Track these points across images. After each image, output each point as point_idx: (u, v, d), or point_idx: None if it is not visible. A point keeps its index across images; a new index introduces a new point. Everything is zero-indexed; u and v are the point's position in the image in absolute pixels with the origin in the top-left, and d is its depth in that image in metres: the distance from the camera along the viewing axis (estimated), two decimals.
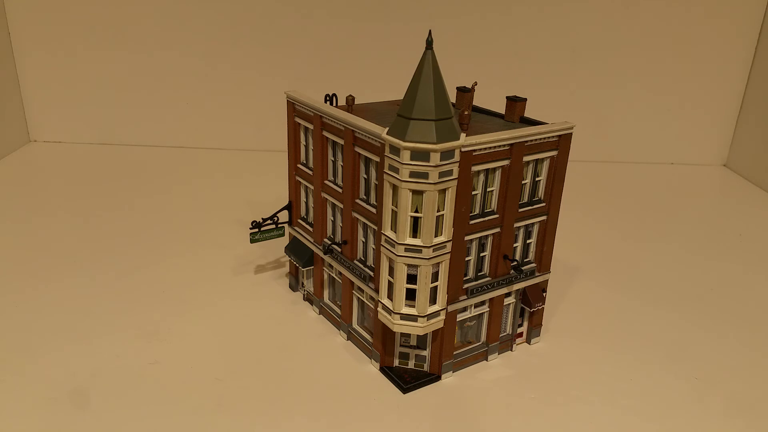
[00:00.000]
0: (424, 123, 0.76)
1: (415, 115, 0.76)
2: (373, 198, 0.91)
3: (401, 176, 0.78)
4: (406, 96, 0.78)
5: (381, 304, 0.88)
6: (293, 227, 1.12)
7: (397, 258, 0.83)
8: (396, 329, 0.87)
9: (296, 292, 1.16)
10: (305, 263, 1.08)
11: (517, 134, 0.86)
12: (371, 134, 0.84)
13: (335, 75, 1.90)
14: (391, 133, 0.78)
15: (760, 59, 1.88)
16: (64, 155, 1.87)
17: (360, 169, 0.91)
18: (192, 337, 1.02)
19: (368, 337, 0.99)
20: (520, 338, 1.04)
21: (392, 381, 0.93)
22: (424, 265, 0.82)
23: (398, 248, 0.82)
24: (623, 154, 2.01)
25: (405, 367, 0.96)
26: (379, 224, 0.87)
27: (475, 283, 0.93)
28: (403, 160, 0.77)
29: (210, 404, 0.87)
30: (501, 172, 0.88)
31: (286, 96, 1.05)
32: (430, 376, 0.94)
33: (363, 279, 0.95)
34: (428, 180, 0.77)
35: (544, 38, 1.89)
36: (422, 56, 0.77)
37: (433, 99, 0.76)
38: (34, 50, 1.90)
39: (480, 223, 0.89)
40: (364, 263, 0.96)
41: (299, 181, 1.08)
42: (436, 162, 0.77)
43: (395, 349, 0.95)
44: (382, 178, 0.85)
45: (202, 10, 1.86)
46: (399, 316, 0.86)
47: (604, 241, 1.40)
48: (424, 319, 0.85)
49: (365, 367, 0.97)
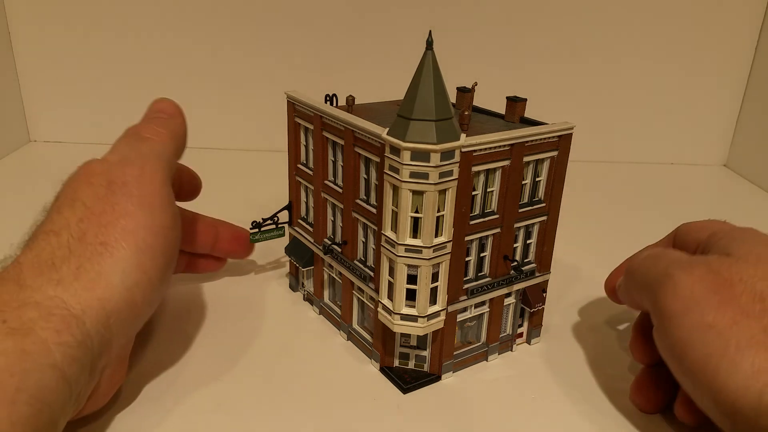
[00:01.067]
0: (424, 123, 0.76)
1: (415, 116, 0.76)
2: (373, 198, 0.91)
3: (401, 177, 0.78)
4: (406, 96, 0.78)
5: (381, 305, 0.88)
6: (293, 227, 1.12)
7: (398, 258, 0.82)
8: (396, 329, 0.87)
9: (296, 292, 1.16)
10: (305, 263, 1.08)
11: (518, 134, 0.86)
12: (372, 134, 0.84)
13: (336, 75, 1.90)
14: (391, 134, 0.78)
15: (760, 59, 1.88)
16: (64, 155, 1.85)
17: (360, 169, 0.91)
18: (191, 337, 1.02)
19: (368, 337, 0.99)
20: (520, 338, 1.04)
21: (392, 381, 0.93)
22: (424, 266, 0.82)
23: (398, 248, 0.82)
24: (623, 154, 2.01)
25: (405, 367, 0.96)
26: (379, 225, 0.87)
27: (476, 283, 0.93)
28: (403, 160, 0.77)
29: (210, 404, 0.87)
30: (501, 173, 0.88)
31: (286, 96, 1.05)
32: (430, 376, 0.94)
33: (363, 279, 0.95)
34: (428, 180, 0.77)
35: (544, 38, 1.89)
36: (422, 57, 0.77)
37: (433, 99, 0.76)
38: (34, 50, 1.89)
39: (480, 224, 0.89)
40: (364, 263, 0.96)
41: (299, 182, 1.08)
42: (437, 162, 0.77)
43: (395, 349, 0.95)
44: (382, 179, 0.85)
45: (202, 10, 1.86)
46: (399, 317, 0.86)
47: (604, 241, 1.40)
48: (424, 320, 0.85)
49: (365, 367, 0.97)
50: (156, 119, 0.94)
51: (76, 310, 0.68)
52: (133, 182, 0.79)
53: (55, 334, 0.65)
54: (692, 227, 0.94)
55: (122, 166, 0.82)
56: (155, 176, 0.82)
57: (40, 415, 0.60)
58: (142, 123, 0.94)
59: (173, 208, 0.84)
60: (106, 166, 0.81)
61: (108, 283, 0.72)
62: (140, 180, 0.80)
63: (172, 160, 0.90)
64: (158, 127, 0.91)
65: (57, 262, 0.71)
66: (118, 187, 0.79)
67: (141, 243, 0.76)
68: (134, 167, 0.81)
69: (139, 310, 0.77)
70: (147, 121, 0.94)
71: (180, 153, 0.95)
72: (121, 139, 0.89)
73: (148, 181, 0.81)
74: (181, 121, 0.97)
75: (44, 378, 0.61)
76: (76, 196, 0.78)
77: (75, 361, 0.66)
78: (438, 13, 1.85)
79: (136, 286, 0.75)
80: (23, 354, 0.61)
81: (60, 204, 0.78)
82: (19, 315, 0.65)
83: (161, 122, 0.93)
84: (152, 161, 0.84)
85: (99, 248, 0.73)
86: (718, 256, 0.77)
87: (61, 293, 0.69)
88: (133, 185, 0.79)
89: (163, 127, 0.92)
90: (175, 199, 1.11)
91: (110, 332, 0.72)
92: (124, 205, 0.77)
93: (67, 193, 0.80)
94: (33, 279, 0.70)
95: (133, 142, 0.87)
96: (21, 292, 0.68)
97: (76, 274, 0.71)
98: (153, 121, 0.94)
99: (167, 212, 0.82)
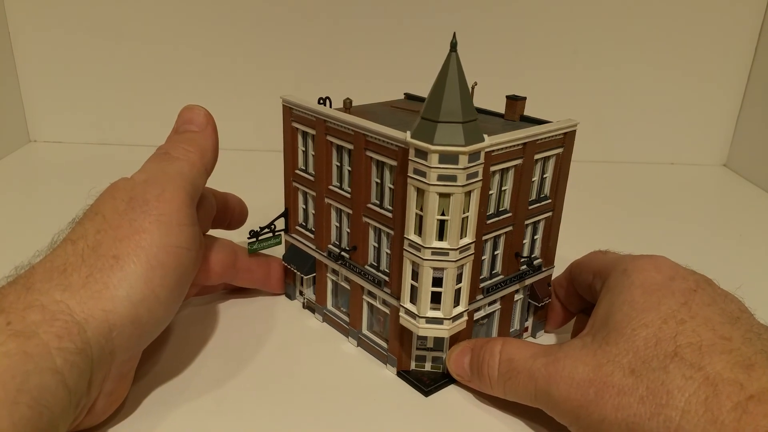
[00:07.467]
0: (451, 126, 0.76)
1: (442, 118, 0.76)
2: (387, 202, 0.90)
3: (429, 180, 0.77)
4: (430, 99, 0.78)
5: (404, 309, 0.87)
6: (290, 234, 1.09)
7: (424, 262, 0.82)
8: (421, 333, 0.86)
9: (293, 300, 1.13)
10: (307, 271, 1.05)
11: (531, 133, 0.88)
12: (390, 138, 0.83)
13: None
14: (416, 137, 0.78)
15: (760, 59, 1.88)
16: (64, 155, 1.86)
17: (372, 173, 0.90)
18: (192, 340, 1.00)
19: (381, 342, 0.98)
20: (526, 332, 1.06)
21: (412, 385, 0.93)
22: (450, 268, 0.82)
23: (424, 252, 0.82)
24: (623, 154, 2.01)
25: (422, 369, 0.96)
26: (398, 228, 0.87)
27: (490, 281, 0.94)
28: (431, 163, 0.77)
29: (213, 406, 0.84)
30: (514, 171, 0.89)
31: (282, 101, 1.02)
32: (448, 376, 0.94)
33: (377, 284, 0.94)
34: (456, 183, 0.77)
35: (544, 38, 1.88)
36: (446, 58, 0.77)
37: (459, 101, 0.76)
38: (35, 51, 1.88)
39: (496, 223, 0.90)
40: (376, 268, 0.95)
41: (297, 188, 1.05)
42: (465, 164, 0.77)
43: (412, 352, 0.95)
44: (400, 182, 0.84)
45: (202, 10, 1.85)
46: (424, 320, 0.85)
47: (603, 241, 1.40)
48: (449, 321, 0.85)
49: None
50: (185, 135, 0.94)
51: (79, 317, 0.69)
52: (153, 201, 0.80)
53: (56, 338, 0.66)
54: (582, 266, 0.96)
55: (146, 184, 0.82)
56: (176, 196, 0.82)
57: (40, 417, 0.61)
58: (171, 140, 0.94)
59: (192, 230, 0.84)
60: (130, 184, 0.83)
61: (113, 295, 0.72)
62: (160, 199, 0.80)
63: (198, 179, 0.90)
64: (187, 145, 0.91)
65: (69, 269, 0.73)
66: (138, 204, 0.79)
67: (153, 260, 0.76)
68: (157, 186, 0.82)
69: (144, 327, 0.77)
70: (176, 138, 0.94)
71: (210, 168, 0.95)
72: (150, 158, 0.90)
73: (169, 201, 0.81)
74: (211, 133, 0.96)
75: (45, 381, 0.63)
76: (99, 209, 0.80)
77: (75, 367, 0.66)
78: (438, 13, 1.84)
79: (142, 302, 0.75)
80: (25, 356, 0.62)
81: (84, 216, 0.81)
82: (23, 317, 0.66)
83: (190, 139, 0.93)
84: (176, 181, 0.84)
85: (111, 261, 0.74)
86: (584, 344, 0.77)
87: (67, 299, 0.70)
88: (153, 204, 0.80)
89: (192, 145, 0.92)
90: (226, 228, 1.11)
91: (112, 344, 0.72)
92: (141, 222, 0.78)
93: (92, 207, 0.82)
94: (42, 283, 0.71)
95: (160, 162, 0.88)
96: (28, 295, 0.69)
97: (84, 282, 0.72)
98: (182, 137, 0.93)
99: (185, 233, 0.82)
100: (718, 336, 0.69)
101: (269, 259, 1.12)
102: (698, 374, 0.66)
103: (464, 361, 0.90)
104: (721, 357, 0.66)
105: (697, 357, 0.67)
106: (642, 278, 0.78)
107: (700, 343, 0.68)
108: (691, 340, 0.69)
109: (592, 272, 0.91)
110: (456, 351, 0.92)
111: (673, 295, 0.75)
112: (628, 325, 0.74)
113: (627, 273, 0.81)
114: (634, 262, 0.82)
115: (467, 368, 0.90)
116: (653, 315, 0.73)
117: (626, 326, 0.74)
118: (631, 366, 0.70)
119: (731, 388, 0.63)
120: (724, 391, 0.63)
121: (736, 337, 0.69)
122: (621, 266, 0.83)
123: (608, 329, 0.76)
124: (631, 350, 0.71)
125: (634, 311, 0.75)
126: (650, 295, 0.75)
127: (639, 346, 0.71)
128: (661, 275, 0.78)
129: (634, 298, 0.76)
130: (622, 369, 0.71)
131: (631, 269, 0.81)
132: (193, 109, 0.97)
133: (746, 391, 0.63)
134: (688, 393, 0.65)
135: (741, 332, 0.70)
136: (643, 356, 0.70)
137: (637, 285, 0.78)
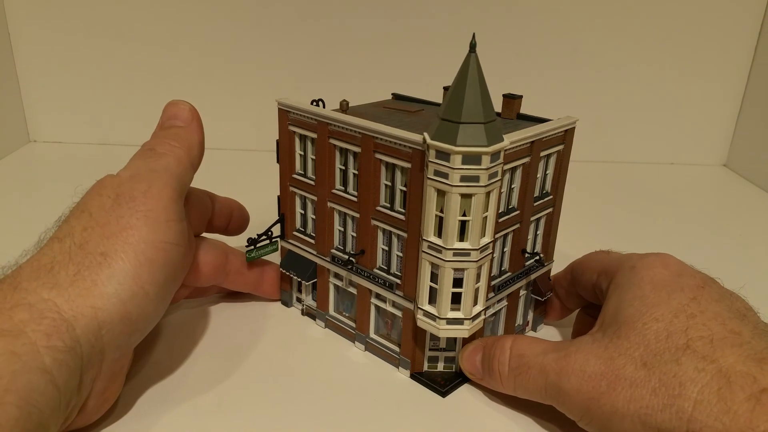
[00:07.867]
0: (473, 126, 0.76)
1: (464, 119, 0.76)
2: (398, 204, 0.89)
3: (452, 181, 0.77)
4: (450, 100, 0.77)
5: (421, 311, 0.87)
6: (287, 240, 1.07)
7: (445, 263, 0.82)
8: (442, 335, 0.86)
9: (290, 307, 1.11)
10: (309, 277, 1.03)
11: (539, 131, 0.89)
12: (405, 140, 0.83)
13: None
14: (437, 138, 0.77)
15: (760, 59, 1.89)
16: (64, 155, 1.84)
17: (381, 176, 0.89)
18: (193, 342, 0.99)
19: (391, 345, 0.97)
20: (527, 326, 1.07)
21: (427, 386, 0.93)
22: (471, 268, 0.82)
23: (446, 253, 0.81)
24: (623, 154, 2.01)
25: (434, 370, 0.95)
26: (413, 230, 0.86)
27: (500, 279, 0.94)
28: (453, 164, 0.76)
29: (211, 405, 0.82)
30: (522, 169, 0.90)
31: (278, 104, 0.99)
32: (462, 376, 0.94)
33: (389, 287, 0.93)
34: (479, 183, 0.77)
35: (544, 38, 1.87)
36: (466, 59, 0.77)
37: (480, 102, 0.76)
38: (34, 51, 1.85)
39: (506, 221, 0.91)
40: (387, 271, 0.94)
41: (294, 192, 1.03)
42: (487, 165, 0.77)
43: (425, 353, 0.94)
44: (415, 184, 0.83)
45: (202, 11, 1.82)
46: (445, 321, 0.85)
47: (604, 240, 1.42)
48: (469, 321, 0.86)
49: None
50: (171, 130, 0.91)
51: (67, 315, 0.68)
52: (140, 197, 0.79)
53: (45, 337, 0.65)
54: (584, 266, 0.97)
55: (132, 181, 0.81)
56: (163, 192, 0.81)
57: (29, 417, 0.60)
58: (157, 136, 0.91)
59: (180, 225, 0.83)
60: (117, 181, 0.82)
61: (102, 292, 0.72)
62: (147, 195, 0.80)
63: (185, 174, 0.88)
64: (173, 141, 0.89)
65: (56, 267, 0.72)
66: (125, 201, 0.78)
67: (141, 256, 0.76)
68: (143, 183, 0.81)
69: (134, 324, 0.76)
70: (161, 134, 0.91)
71: (197, 163, 0.93)
72: (135, 155, 0.88)
73: (156, 197, 0.80)
74: (197, 128, 0.94)
75: (33, 381, 0.62)
76: (85, 206, 0.79)
77: (64, 366, 0.65)
78: (438, 14, 1.83)
79: (131, 299, 0.74)
80: (12, 356, 0.61)
81: (70, 214, 0.80)
82: (10, 316, 0.65)
83: (176, 134, 0.91)
84: (162, 177, 0.83)
85: (98, 258, 0.74)
86: (594, 339, 0.79)
87: (55, 297, 0.69)
88: (140, 200, 0.79)
89: (178, 140, 0.90)
90: (224, 233, 1.08)
91: (102, 342, 0.71)
92: (128, 219, 0.77)
93: (78, 205, 0.81)
94: (29, 282, 0.70)
95: (146, 158, 0.86)
96: (15, 294, 0.68)
97: (72, 280, 0.71)
98: (168, 132, 0.91)
99: (172, 228, 0.81)
100: (728, 330, 0.71)
101: (263, 263, 1.09)
102: (711, 366, 0.67)
103: (477, 359, 0.91)
104: (732, 350, 0.68)
105: (709, 350, 0.69)
106: (651, 274, 0.80)
107: (711, 337, 0.70)
108: (702, 333, 0.71)
109: (596, 271, 0.93)
110: (468, 349, 0.92)
111: (683, 291, 0.77)
112: (639, 319, 0.75)
113: (635, 270, 0.82)
114: (642, 260, 0.84)
115: (479, 366, 0.90)
116: (664, 309, 0.75)
117: (637, 320, 0.75)
118: (643, 359, 0.72)
119: (744, 380, 0.65)
120: (737, 383, 0.65)
121: (746, 332, 0.71)
122: (629, 264, 0.85)
123: (619, 324, 0.77)
124: (642, 343, 0.73)
125: (645, 306, 0.76)
126: (660, 291, 0.77)
127: (650, 339, 0.73)
128: (669, 272, 0.80)
129: (644, 293, 0.78)
130: (634, 362, 0.72)
131: (639, 266, 0.83)
132: (177, 104, 0.95)
133: (759, 384, 0.64)
134: (701, 384, 0.66)
135: (750, 328, 0.72)
136: (654, 349, 0.72)
137: (647, 281, 0.80)
